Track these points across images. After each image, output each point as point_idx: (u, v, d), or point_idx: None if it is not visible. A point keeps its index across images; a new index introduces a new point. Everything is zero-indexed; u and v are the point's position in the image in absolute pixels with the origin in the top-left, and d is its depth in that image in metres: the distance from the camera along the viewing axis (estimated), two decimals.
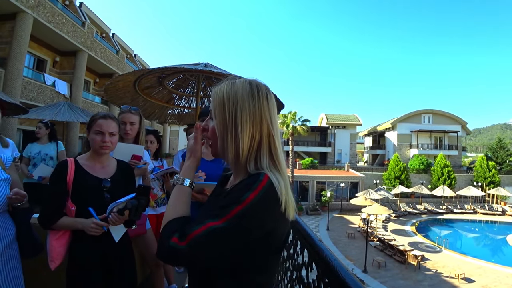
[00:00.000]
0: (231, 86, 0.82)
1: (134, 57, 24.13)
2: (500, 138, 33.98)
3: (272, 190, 0.71)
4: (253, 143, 0.79)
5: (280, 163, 0.81)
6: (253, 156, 0.79)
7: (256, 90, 0.82)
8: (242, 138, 0.77)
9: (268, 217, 0.71)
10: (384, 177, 28.45)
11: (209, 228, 0.66)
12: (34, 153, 3.92)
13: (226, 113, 0.80)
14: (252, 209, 0.68)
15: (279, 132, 0.85)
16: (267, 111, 0.81)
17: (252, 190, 0.69)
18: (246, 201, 0.67)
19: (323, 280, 0.95)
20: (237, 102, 0.80)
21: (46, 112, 7.96)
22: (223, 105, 0.81)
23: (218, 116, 0.82)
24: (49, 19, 11.78)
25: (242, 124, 0.78)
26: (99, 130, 1.64)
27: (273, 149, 0.80)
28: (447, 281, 12.18)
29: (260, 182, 0.70)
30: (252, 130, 0.78)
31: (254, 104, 0.80)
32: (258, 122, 0.79)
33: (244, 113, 0.79)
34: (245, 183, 0.73)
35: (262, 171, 0.75)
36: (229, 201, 0.70)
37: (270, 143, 0.80)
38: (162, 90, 5.07)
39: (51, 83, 12.99)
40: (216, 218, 0.67)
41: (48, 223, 1.53)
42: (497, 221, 23.34)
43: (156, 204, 2.87)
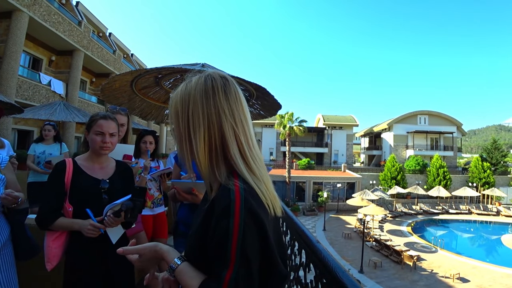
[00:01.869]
0: (185, 88, 0.77)
1: (131, 56, 24.03)
2: (494, 139, 34.29)
3: (251, 204, 0.66)
4: (213, 145, 0.73)
5: (251, 163, 0.74)
6: (221, 160, 0.74)
7: (210, 86, 0.75)
8: (196, 143, 0.72)
9: (264, 229, 0.67)
10: (381, 177, 28.60)
11: (230, 282, 0.63)
12: (39, 152, 4.06)
13: (179, 117, 0.75)
14: (246, 235, 0.64)
15: (249, 127, 0.77)
16: (227, 107, 0.74)
17: (232, 215, 0.64)
18: (235, 231, 0.64)
19: (320, 281, 0.96)
20: (189, 104, 0.74)
21: (42, 112, 7.89)
22: (175, 109, 0.77)
23: (173, 122, 0.77)
24: (45, 18, 11.69)
25: (194, 127, 0.73)
26: (100, 131, 1.62)
27: (241, 149, 0.74)
28: (443, 281, 12.28)
29: (234, 202, 0.66)
30: (208, 132, 0.72)
31: (208, 102, 0.73)
32: (216, 121, 0.73)
33: (196, 114, 0.73)
34: (219, 206, 0.68)
35: (231, 181, 0.70)
36: (219, 240, 0.65)
37: (237, 142, 0.74)
38: (159, 90, 5.05)
39: (47, 82, 12.89)
40: (225, 267, 0.64)
41: (45, 223, 1.52)
42: (491, 222, 23.58)
43: (153, 205, 2.86)
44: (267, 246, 0.67)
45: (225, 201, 0.67)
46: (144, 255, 0.77)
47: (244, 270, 0.63)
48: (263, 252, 0.66)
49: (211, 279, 0.67)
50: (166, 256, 0.75)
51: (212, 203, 0.71)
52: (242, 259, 0.63)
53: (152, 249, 0.77)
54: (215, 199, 0.71)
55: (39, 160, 4.00)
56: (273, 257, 0.68)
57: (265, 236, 0.66)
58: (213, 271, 0.66)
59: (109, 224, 1.48)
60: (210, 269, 0.69)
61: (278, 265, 0.68)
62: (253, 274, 0.65)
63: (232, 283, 0.62)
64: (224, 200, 0.67)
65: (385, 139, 37.46)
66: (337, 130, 37.80)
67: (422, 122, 35.59)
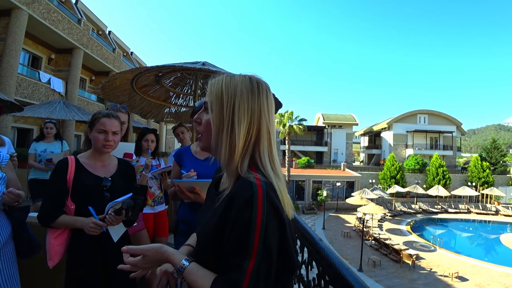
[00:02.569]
0: (230, 79, 0.80)
1: (131, 55, 23.97)
2: (494, 139, 34.36)
3: (272, 197, 0.69)
4: (249, 140, 0.76)
5: (275, 163, 0.78)
6: (248, 154, 0.77)
7: (256, 85, 0.79)
8: (238, 134, 0.75)
9: (283, 221, 0.70)
10: (380, 176, 28.64)
11: (253, 273, 0.63)
12: (40, 150, 4.08)
13: (224, 106, 0.77)
14: (268, 226, 0.66)
15: (275, 131, 0.83)
16: (266, 109, 0.79)
17: (255, 206, 0.66)
18: (258, 222, 0.65)
19: (323, 278, 0.96)
20: (235, 96, 0.77)
21: (42, 110, 7.89)
22: (221, 97, 0.78)
23: (215, 109, 0.78)
24: (44, 16, 11.65)
25: (239, 118, 0.75)
26: (102, 129, 1.62)
27: (269, 148, 0.78)
28: (441, 279, 12.32)
29: (257, 194, 0.68)
30: (249, 126, 0.76)
31: (254, 100, 0.77)
32: (256, 118, 0.77)
33: (242, 107, 0.76)
34: (241, 198, 0.69)
35: (252, 174, 0.72)
36: (242, 231, 0.66)
37: (267, 141, 0.78)
38: (159, 88, 5.04)
39: (47, 80, 12.86)
40: (247, 257, 0.64)
41: (47, 221, 1.52)
42: (490, 221, 23.63)
43: (154, 203, 2.86)
44: (285, 237, 0.69)
45: (247, 193, 0.68)
46: (148, 256, 0.77)
47: (266, 260, 0.65)
48: (282, 243, 0.69)
49: (228, 272, 0.67)
50: (172, 259, 0.76)
51: (231, 196, 0.72)
52: (264, 249, 0.65)
53: (158, 250, 0.77)
54: (234, 191, 0.72)
55: (40, 158, 4.01)
56: (289, 248, 0.70)
57: (284, 228, 0.69)
58: (231, 263, 0.67)
59: (110, 222, 1.48)
60: (222, 265, 0.70)
61: (293, 256, 0.71)
62: (273, 265, 0.67)
63: (254, 273, 0.63)
64: (246, 192, 0.68)
65: (385, 138, 37.48)
66: (337, 129, 37.80)
67: (421, 122, 35.61)
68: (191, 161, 1.95)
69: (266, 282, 0.65)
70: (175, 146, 36.56)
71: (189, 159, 1.96)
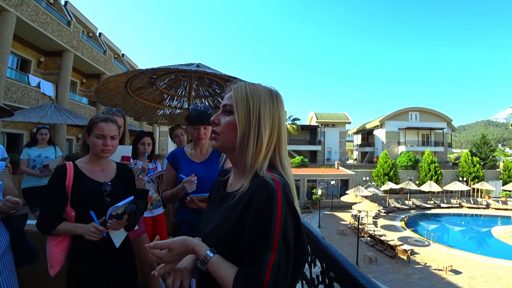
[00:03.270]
0: (253, 87, 0.87)
1: (122, 57, 23.72)
2: (483, 135, 35.03)
3: (288, 194, 0.75)
4: (270, 143, 0.84)
5: (287, 165, 0.87)
6: (269, 156, 0.84)
7: (275, 95, 0.88)
8: (264, 136, 0.82)
9: (298, 216, 0.76)
10: (374, 174, 28.92)
11: (274, 265, 0.67)
12: (34, 156, 3.97)
13: (250, 109, 0.83)
14: (287, 221, 0.71)
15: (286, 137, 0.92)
16: (282, 116, 0.88)
17: (275, 203, 0.71)
18: (278, 217, 0.70)
19: (327, 275, 0.98)
20: (260, 101, 0.84)
21: (32, 115, 7.76)
22: (246, 101, 0.84)
23: (240, 112, 0.84)
24: (33, 18, 11.44)
25: (264, 123, 0.83)
26: (101, 134, 1.60)
27: (283, 152, 0.87)
28: (436, 273, 12.54)
29: (276, 191, 0.73)
30: (271, 130, 0.84)
31: (274, 107, 0.86)
32: (276, 124, 0.85)
33: (267, 113, 0.84)
34: (261, 195, 0.73)
35: (269, 174, 0.78)
36: (263, 226, 0.71)
37: (284, 146, 0.87)
38: (153, 90, 5.02)
39: (36, 84, 12.62)
40: (268, 250, 0.69)
41: (47, 228, 1.50)
42: (481, 215, 24.14)
43: (152, 206, 2.85)
44: (300, 231, 0.76)
45: (267, 190, 0.73)
46: (174, 249, 0.80)
47: (285, 253, 0.70)
48: (297, 237, 0.74)
49: (248, 266, 0.70)
50: (197, 250, 0.79)
51: (250, 194, 0.75)
52: (284, 243, 0.70)
53: (183, 243, 0.80)
54: (253, 189, 0.76)
55: (34, 163, 3.90)
56: (304, 242, 0.77)
57: (299, 222, 0.75)
58: (251, 257, 0.70)
59: (113, 228, 1.48)
60: (238, 260, 0.74)
61: (307, 249, 0.79)
62: (291, 256, 0.71)
63: (275, 265, 0.68)
64: (266, 190, 0.74)
65: (377, 136, 37.88)
66: (330, 128, 38.04)
67: (413, 119, 36.09)
68: (187, 164, 1.93)
69: (285, 274, 0.69)
70: (169, 148, 36.29)
71: (185, 163, 1.94)
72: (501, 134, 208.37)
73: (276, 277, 0.66)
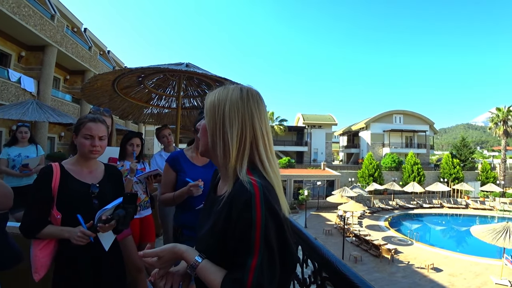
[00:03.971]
0: (223, 89, 0.87)
1: (108, 53, 23.16)
2: (463, 137, 36.34)
3: (268, 197, 0.73)
4: (244, 141, 0.81)
5: (274, 162, 0.84)
6: (246, 156, 0.81)
7: (245, 93, 0.85)
8: (231, 135, 0.80)
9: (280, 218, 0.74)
10: (359, 175, 29.48)
11: (256, 269, 0.68)
12: (14, 155, 3.77)
13: (216, 111, 0.84)
14: (268, 225, 0.71)
15: (271, 135, 0.88)
16: (257, 114, 0.84)
17: (253, 208, 0.71)
18: (258, 222, 0.70)
19: (320, 275, 1.00)
20: (226, 101, 0.83)
21: (13, 111, 7.46)
22: (213, 104, 0.85)
23: (208, 115, 0.86)
24: (14, 11, 10.98)
25: (230, 120, 0.81)
26: (89, 134, 1.56)
27: (266, 151, 0.83)
28: (418, 271, 12.91)
29: (254, 196, 0.72)
30: (241, 128, 0.81)
31: (243, 105, 0.83)
32: (248, 122, 0.82)
33: (233, 111, 0.82)
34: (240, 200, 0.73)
35: (248, 177, 0.77)
36: (243, 231, 0.71)
37: (262, 144, 0.83)
38: (141, 90, 4.94)
39: (16, 79, 12.13)
40: (250, 255, 0.69)
41: (31, 232, 1.45)
42: (461, 214, 25.04)
43: (140, 208, 2.80)
44: (284, 235, 0.74)
45: (245, 195, 0.73)
46: (163, 257, 0.81)
47: (268, 257, 0.70)
48: (281, 240, 0.73)
49: (233, 270, 0.71)
50: (186, 256, 0.80)
51: (231, 199, 0.76)
52: (265, 247, 0.70)
53: (171, 250, 0.82)
54: (233, 194, 0.76)
55: (14, 163, 3.71)
56: (289, 245, 0.76)
57: (282, 225, 0.74)
58: (236, 262, 0.71)
59: (103, 230, 1.43)
60: (228, 264, 0.74)
61: (294, 253, 0.77)
62: (276, 260, 0.71)
63: (257, 269, 0.68)
64: (244, 194, 0.73)
65: (363, 138, 38.62)
66: (317, 129, 38.47)
67: (397, 121, 37.01)
68: (189, 167, 1.94)
69: (270, 278, 0.69)
70: (154, 148, 35.67)
71: (187, 166, 1.95)
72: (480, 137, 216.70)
73: (259, 281, 0.67)
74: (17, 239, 1.62)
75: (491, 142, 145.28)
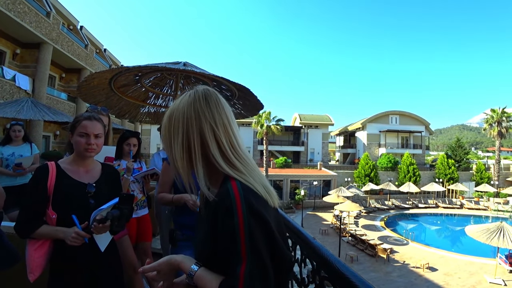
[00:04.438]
0: (176, 102, 0.85)
1: (104, 52, 22.98)
2: (458, 138, 36.71)
3: (250, 201, 0.71)
4: (193, 148, 0.79)
5: (243, 157, 0.80)
6: (208, 161, 0.79)
7: (193, 96, 0.83)
8: (175, 147, 0.80)
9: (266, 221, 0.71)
10: (355, 175, 29.62)
11: (245, 276, 0.66)
12: (7, 154, 3.70)
13: (166, 128, 0.83)
14: (252, 230, 0.69)
15: (232, 129, 0.83)
16: (207, 111, 0.80)
17: (235, 214, 0.69)
18: (241, 229, 0.68)
19: (318, 274, 1.00)
20: (173, 113, 0.82)
21: (7, 109, 7.38)
22: (164, 122, 0.85)
23: (162, 134, 0.85)
24: (9, 7, 10.85)
25: (173, 132, 0.80)
26: (84, 132, 1.54)
27: (223, 148, 0.79)
28: (414, 271, 13.02)
29: (235, 202, 0.70)
30: (186, 135, 0.79)
31: (189, 108, 0.80)
32: (195, 124, 0.79)
33: (177, 120, 0.80)
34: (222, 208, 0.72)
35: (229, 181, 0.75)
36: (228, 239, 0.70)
37: (218, 142, 0.79)
38: (138, 88, 4.91)
39: (11, 77, 11.97)
40: (238, 262, 0.68)
41: (26, 232, 1.43)
42: (456, 214, 25.28)
43: (137, 207, 2.79)
44: (273, 237, 0.72)
45: (226, 202, 0.71)
46: (162, 270, 0.81)
47: (257, 262, 0.68)
48: (270, 242, 0.71)
49: (227, 279, 0.71)
50: (182, 266, 0.79)
51: (215, 207, 0.74)
52: (253, 253, 0.68)
53: (168, 262, 0.81)
54: (216, 202, 0.75)
55: (7, 162, 3.64)
56: (280, 246, 0.73)
57: (268, 227, 0.71)
58: (228, 270, 0.70)
59: (97, 232, 1.41)
60: (223, 269, 0.72)
61: (284, 250, 0.74)
62: (266, 265, 0.69)
63: (247, 275, 0.66)
64: (225, 201, 0.72)
65: (359, 138, 38.78)
66: (313, 129, 38.56)
67: (393, 122, 37.23)
68: None
69: (262, 281, 0.67)
70: (151, 147, 35.53)
71: None
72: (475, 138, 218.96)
73: (250, 287, 0.66)
74: (12, 239, 1.60)
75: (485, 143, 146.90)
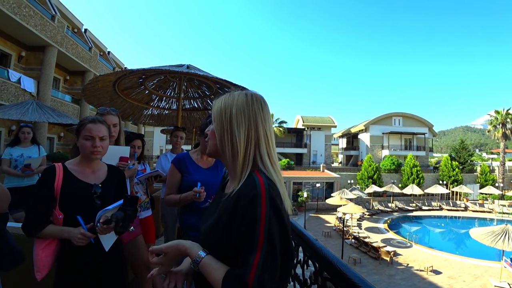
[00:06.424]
0: (229, 95, 0.92)
1: (108, 54, 23.18)
2: (462, 140, 36.43)
3: (273, 197, 0.76)
4: (250, 142, 0.86)
5: (276, 164, 0.88)
6: (251, 157, 0.85)
7: (250, 97, 0.90)
8: (239, 137, 0.85)
9: (283, 216, 0.77)
10: (358, 177, 29.47)
11: (258, 266, 0.69)
12: (16, 156, 3.78)
13: (222, 114, 0.89)
14: (271, 222, 0.73)
15: (273, 137, 0.93)
16: (261, 116, 0.89)
17: (259, 206, 0.74)
18: (262, 220, 0.72)
19: (321, 275, 1.01)
20: (232, 106, 0.88)
21: (13, 112, 7.45)
22: (220, 109, 0.90)
23: (216, 119, 0.91)
24: (14, 11, 11.01)
25: (238, 124, 0.86)
26: (89, 135, 1.56)
27: (269, 151, 0.88)
28: (418, 274, 12.90)
29: (260, 194, 0.75)
30: (247, 130, 0.86)
31: (248, 108, 0.88)
32: (253, 124, 0.87)
33: (239, 114, 0.87)
34: (246, 197, 0.76)
35: (255, 176, 0.81)
36: (248, 226, 0.73)
37: (266, 145, 0.88)
38: (142, 91, 4.95)
39: (16, 79, 12.13)
40: (253, 251, 0.71)
41: (33, 231, 1.45)
42: (460, 217, 25.05)
43: (140, 209, 2.80)
44: (287, 232, 0.77)
45: (252, 192, 0.76)
46: (168, 253, 0.84)
47: (270, 254, 0.72)
48: (284, 238, 0.76)
49: (237, 267, 0.73)
50: (189, 252, 0.83)
51: (237, 196, 0.79)
52: (268, 243, 0.72)
53: (176, 246, 0.85)
54: (240, 192, 0.80)
55: (16, 163, 3.72)
56: (290, 242, 0.78)
57: (285, 223, 0.77)
58: (239, 258, 0.73)
59: (102, 232, 1.43)
60: (230, 260, 0.76)
61: (293, 250, 0.81)
62: (277, 258, 0.73)
63: (260, 266, 0.70)
64: (250, 192, 0.77)
65: (362, 140, 38.66)
66: (316, 131, 38.51)
67: (396, 124, 37.08)
68: (195, 169, 2.02)
69: (271, 275, 0.71)
70: (154, 149, 35.69)
71: (193, 168, 2.02)
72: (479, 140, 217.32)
73: (260, 278, 0.69)
74: (18, 240, 1.63)
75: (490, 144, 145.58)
